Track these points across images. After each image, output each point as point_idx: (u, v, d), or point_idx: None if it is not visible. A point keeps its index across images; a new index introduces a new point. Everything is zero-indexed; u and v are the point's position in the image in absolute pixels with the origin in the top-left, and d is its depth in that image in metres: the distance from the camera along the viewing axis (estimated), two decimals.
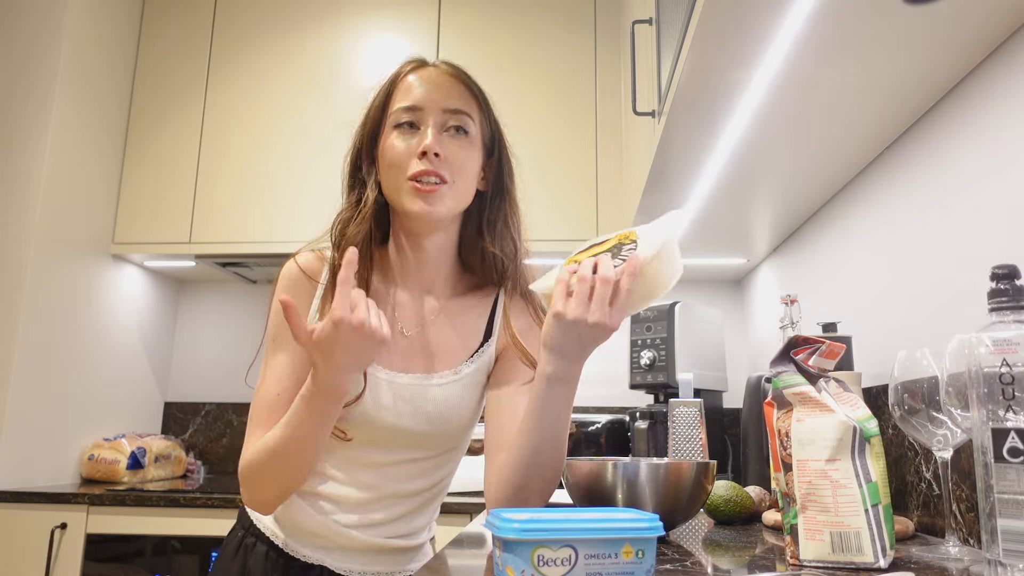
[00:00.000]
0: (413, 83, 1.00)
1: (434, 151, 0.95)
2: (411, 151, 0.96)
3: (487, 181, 1.05)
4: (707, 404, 2.08)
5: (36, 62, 2.24)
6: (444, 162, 0.96)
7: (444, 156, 0.96)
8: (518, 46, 2.47)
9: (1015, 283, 0.68)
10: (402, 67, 1.03)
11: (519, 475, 0.91)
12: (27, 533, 1.97)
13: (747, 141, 1.36)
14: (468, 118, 1.00)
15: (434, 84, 0.99)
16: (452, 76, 1.01)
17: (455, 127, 0.98)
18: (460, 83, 1.01)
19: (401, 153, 0.97)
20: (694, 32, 1.03)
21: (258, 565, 1.00)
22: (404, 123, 0.98)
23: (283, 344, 0.99)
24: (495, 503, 0.94)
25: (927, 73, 1.10)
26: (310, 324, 0.97)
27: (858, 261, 1.50)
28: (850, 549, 0.73)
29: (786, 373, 0.80)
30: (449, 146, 0.97)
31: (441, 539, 1.17)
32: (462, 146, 0.98)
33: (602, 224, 2.34)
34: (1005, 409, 0.64)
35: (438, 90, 0.99)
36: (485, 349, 1.05)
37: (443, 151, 0.96)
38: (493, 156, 1.05)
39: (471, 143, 1.00)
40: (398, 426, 0.99)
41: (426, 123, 0.97)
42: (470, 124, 1.00)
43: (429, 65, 1.03)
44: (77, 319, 2.30)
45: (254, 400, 0.98)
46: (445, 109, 0.98)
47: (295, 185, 2.42)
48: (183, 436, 2.71)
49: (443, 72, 1.01)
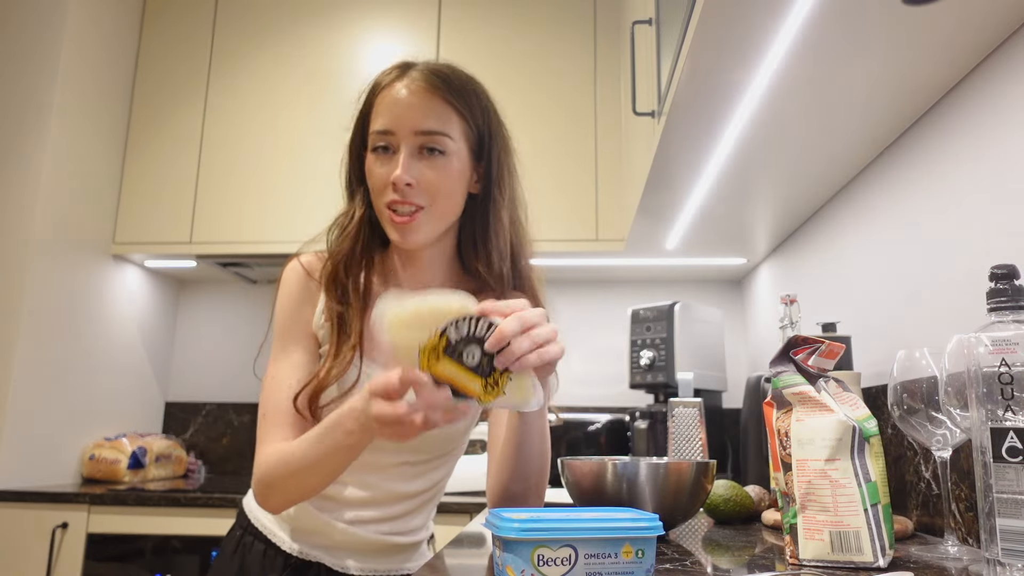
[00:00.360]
0: (387, 101, 0.96)
1: (404, 181, 0.92)
2: (386, 178, 0.93)
3: (479, 184, 1.02)
4: (707, 404, 2.08)
5: (37, 62, 2.24)
6: (418, 189, 0.93)
7: (417, 183, 0.93)
8: (518, 46, 2.47)
9: (1014, 283, 0.68)
10: (380, 78, 0.99)
11: (506, 479, 0.95)
12: (28, 533, 1.97)
13: (747, 141, 1.36)
14: (443, 137, 0.94)
15: (406, 104, 0.94)
16: (426, 90, 0.95)
17: (429, 148, 0.94)
18: (436, 97, 0.95)
19: (378, 180, 0.95)
20: (694, 32, 1.03)
21: (256, 563, 1.01)
22: (380, 147, 0.95)
23: (292, 342, 1.00)
24: (492, 504, 0.95)
25: (927, 73, 1.10)
26: (315, 324, 0.98)
27: (858, 261, 1.50)
28: (849, 549, 0.73)
29: (786, 373, 0.81)
30: (423, 171, 0.93)
31: (441, 539, 1.17)
32: (437, 168, 0.94)
33: (602, 224, 2.34)
34: (1004, 409, 0.64)
35: (410, 110, 0.94)
36: None
37: (416, 178, 0.93)
38: (483, 159, 1.01)
39: (448, 161, 0.95)
40: None
41: (399, 148, 0.94)
42: (446, 142, 0.95)
43: (405, 76, 0.97)
44: (77, 319, 2.31)
45: (264, 396, 0.97)
46: (417, 131, 0.93)
47: (295, 185, 2.42)
48: (184, 436, 2.71)
49: (418, 87, 0.95)
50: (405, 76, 0.97)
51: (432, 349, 0.71)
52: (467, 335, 0.71)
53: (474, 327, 0.71)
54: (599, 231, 2.34)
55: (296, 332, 1.00)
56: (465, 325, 0.71)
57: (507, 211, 1.03)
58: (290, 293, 1.01)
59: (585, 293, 2.72)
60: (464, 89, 0.98)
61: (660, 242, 2.18)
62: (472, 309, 0.72)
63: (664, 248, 2.23)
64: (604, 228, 2.34)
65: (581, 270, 2.60)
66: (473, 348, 0.71)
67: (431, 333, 0.71)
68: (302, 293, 1.01)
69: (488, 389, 0.72)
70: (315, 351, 1.00)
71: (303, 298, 1.01)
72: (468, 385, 0.72)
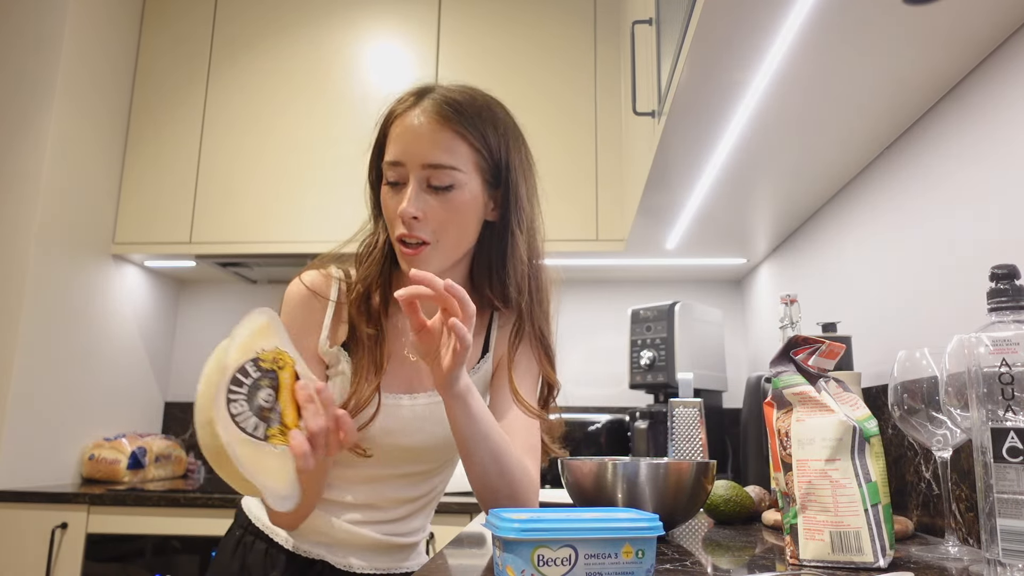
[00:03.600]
0: (399, 132, 0.95)
1: (410, 215, 0.91)
2: (395, 210, 0.93)
3: (496, 212, 1.00)
4: (707, 404, 2.08)
5: (37, 63, 2.24)
6: (424, 223, 0.92)
7: (424, 217, 0.92)
8: (518, 46, 2.47)
9: (1014, 283, 0.68)
10: (395, 105, 0.98)
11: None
12: (27, 533, 1.97)
13: (747, 141, 1.36)
14: (452, 171, 0.93)
15: (416, 135, 0.93)
16: (436, 121, 0.93)
17: (436, 183, 0.93)
18: (445, 129, 0.93)
19: (390, 211, 0.95)
20: (694, 32, 1.03)
21: (258, 562, 1.01)
22: (391, 179, 0.95)
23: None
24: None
25: (927, 73, 1.10)
26: (321, 347, 0.99)
27: (858, 261, 1.50)
28: (850, 549, 0.73)
29: (786, 373, 0.80)
30: (431, 204, 0.92)
31: (441, 539, 1.17)
32: (444, 202, 0.93)
33: (602, 224, 2.34)
34: (1004, 409, 0.64)
35: (419, 143, 0.92)
36: (482, 365, 1.05)
37: (423, 211, 0.92)
38: (500, 187, 0.99)
39: (458, 194, 0.94)
40: (400, 445, 1.01)
41: (408, 181, 0.93)
42: (455, 175, 0.93)
43: (417, 106, 0.95)
44: (77, 319, 2.31)
45: None
46: (425, 164, 0.92)
47: (295, 185, 2.42)
48: (183, 436, 2.71)
49: (429, 117, 0.93)
50: (417, 105, 0.95)
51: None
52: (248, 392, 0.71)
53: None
54: (599, 231, 2.34)
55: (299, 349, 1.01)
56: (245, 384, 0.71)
57: (525, 239, 1.02)
58: (291, 315, 1.00)
59: (585, 293, 2.72)
60: (478, 117, 0.95)
61: (660, 242, 2.18)
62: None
63: (664, 248, 2.23)
64: (604, 228, 2.34)
65: (581, 270, 2.60)
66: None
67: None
68: (304, 315, 1.00)
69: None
70: (318, 373, 1.00)
71: (305, 319, 1.00)
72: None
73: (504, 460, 0.91)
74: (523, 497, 0.94)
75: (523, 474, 0.94)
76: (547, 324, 1.07)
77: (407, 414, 1.00)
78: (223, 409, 0.69)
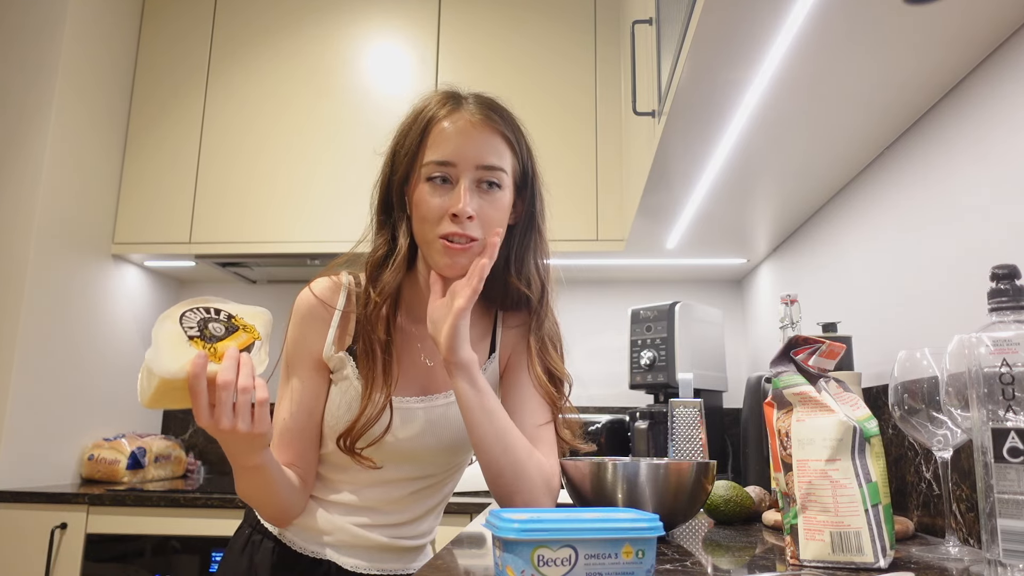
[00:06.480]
0: (447, 133, 0.95)
1: (467, 214, 0.92)
2: (443, 208, 0.93)
3: (517, 215, 1.02)
4: (707, 404, 2.08)
5: (36, 61, 2.24)
6: (476, 222, 0.93)
7: (476, 216, 0.93)
8: (518, 46, 2.47)
9: (1015, 283, 0.68)
10: (436, 110, 0.97)
11: (485, 473, 0.96)
12: (27, 533, 1.97)
13: (747, 141, 1.36)
14: (501, 172, 0.96)
15: (467, 136, 0.94)
16: (485, 124, 0.95)
17: (488, 183, 0.95)
18: (494, 132, 0.96)
19: (434, 209, 0.93)
20: (694, 32, 1.03)
21: (265, 561, 1.02)
22: (436, 177, 0.94)
23: (294, 371, 1.02)
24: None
25: (927, 72, 1.10)
26: (326, 353, 1.00)
27: (858, 261, 1.50)
28: (850, 549, 0.73)
29: (786, 373, 0.80)
30: (481, 205, 0.94)
31: (441, 539, 1.17)
32: (494, 202, 0.95)
33: (602, 224, 2.34)
34: (1005, 409, 0.64)
35: (471, 144, 0.94)
36: (488, 365, 1.06)
37: (476, 212, 0.93)
38: (525, 192, 1.02)
39: (503, 196, 0.96)
40: (412, 449, 1.01)
41: (459, 181, 0.93)
42: (503, 177, 0.96)
43: (462, 108, 0.97)
44: (77, 319, 2.30)
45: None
46: (479, 166, 0.94)
47: (295, 185, 2.41)
48: (183, 436, 2.71)
49: (477, 119, 0.95)
50: (462, 108, 0.97)
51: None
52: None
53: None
54: (599, 231, 2.34)
55: (297, 363, 1.02)
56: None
57: (538, 242, 1.05)
58: (297, 323, 1.02)
59: (585, 293, 2.72)
60: (513, 123, 1.00)
61: (660, 242, 2.17)
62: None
63: (664, 248, 2.23)
64: (604, 228, 2.34)
65: (581, 270, 2.60)
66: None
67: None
68: (311, 323, 1.01)
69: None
70: (319, 381, 1.01)
71: (311, 327, 1.01)
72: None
73: (509, 439, 0.92)
74: (529, 484, 0.93)
75: (528, 456, 0.94)
76: (556, 323, 1.09)
77: (420, 417, 1.00)
78: (177, 311, 0.81)
